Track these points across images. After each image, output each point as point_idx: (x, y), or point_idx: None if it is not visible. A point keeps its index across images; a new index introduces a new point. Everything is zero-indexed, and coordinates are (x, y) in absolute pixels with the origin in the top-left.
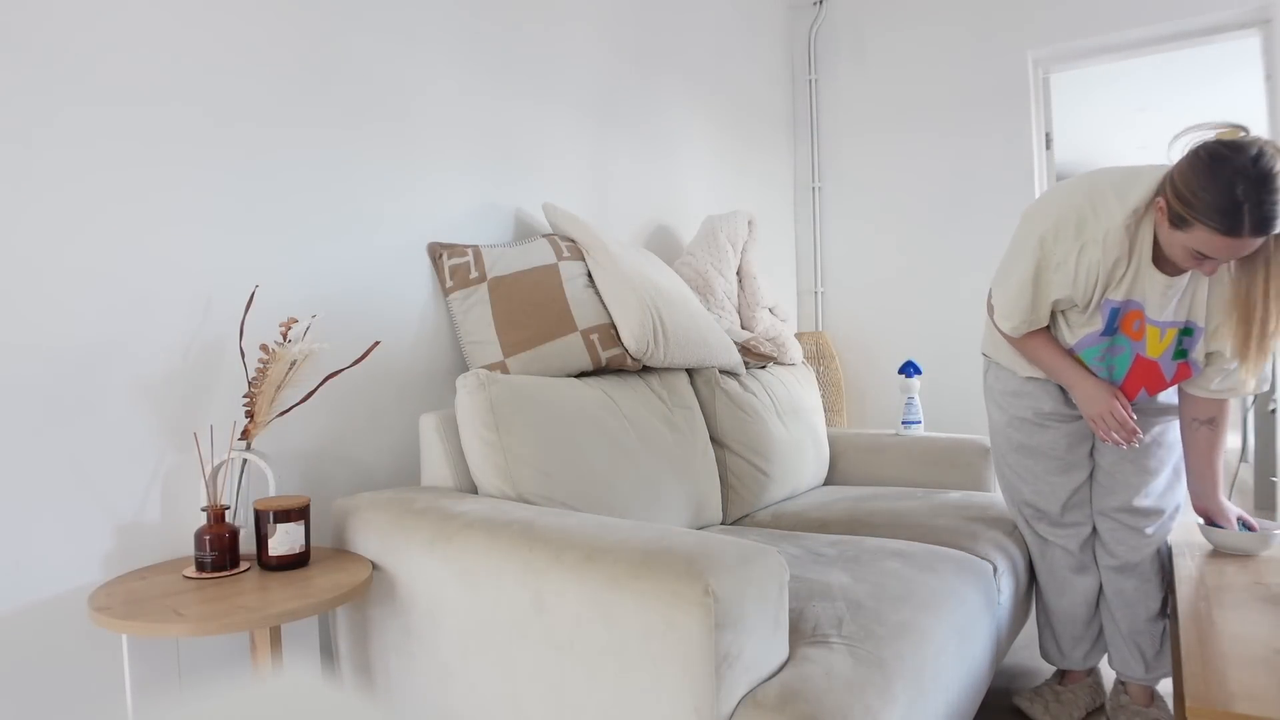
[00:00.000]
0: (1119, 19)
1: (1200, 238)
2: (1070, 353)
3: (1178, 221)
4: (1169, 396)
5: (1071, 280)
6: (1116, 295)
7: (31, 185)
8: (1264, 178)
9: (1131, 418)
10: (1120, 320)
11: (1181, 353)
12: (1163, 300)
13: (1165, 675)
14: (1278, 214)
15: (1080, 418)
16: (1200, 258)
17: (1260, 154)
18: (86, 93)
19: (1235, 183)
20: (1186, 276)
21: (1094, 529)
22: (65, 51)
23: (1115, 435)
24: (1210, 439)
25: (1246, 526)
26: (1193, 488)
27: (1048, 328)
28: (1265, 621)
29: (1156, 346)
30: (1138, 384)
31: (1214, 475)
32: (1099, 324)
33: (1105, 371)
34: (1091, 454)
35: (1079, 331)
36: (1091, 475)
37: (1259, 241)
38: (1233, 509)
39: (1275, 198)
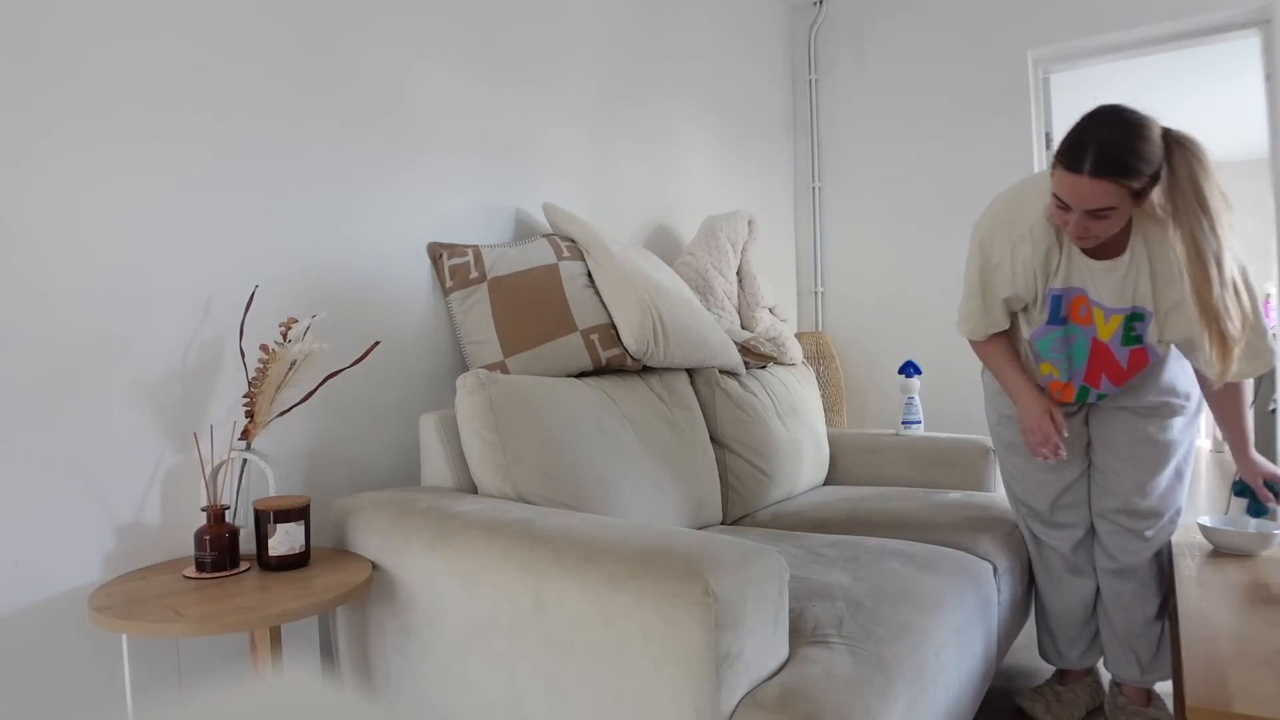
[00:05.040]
0: (1119, 19)
1: (1056, 179)
2: (1033, 352)
3: (1051, 171)
4: (1166, 392)
5: (1010, 278)
6: (1056, 283)
7: (31, 186)
8: (1119, 122)
9: (1061, 434)
10: (1067, 308)
11: (1134, 339)
12: (1105, 284)
13: (1161, 678)
14: (1123, 159)
15: (1068, 416)
16: (1062, 209)
17: (1131, 110)
18: (86, 93)
19: (1091, 124)
20: (1126, 258)
21: (1091, 532)
22: (66, 51)
23: (1042, 450)
24: (1232, 394)
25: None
26: (1229, 442)
27: (1007, 332)
28: (1265, 621)
29: (1104, 330)
30: (1098, 371)
31: (1243, 426)
32: (1046, 314)
33: (1065, 360)
34: (1086, 453)
35: (1034, 323)
36: (1091, 477)
37: (1104, 185)
38: (1268, 466)
39: (1122, 141)
